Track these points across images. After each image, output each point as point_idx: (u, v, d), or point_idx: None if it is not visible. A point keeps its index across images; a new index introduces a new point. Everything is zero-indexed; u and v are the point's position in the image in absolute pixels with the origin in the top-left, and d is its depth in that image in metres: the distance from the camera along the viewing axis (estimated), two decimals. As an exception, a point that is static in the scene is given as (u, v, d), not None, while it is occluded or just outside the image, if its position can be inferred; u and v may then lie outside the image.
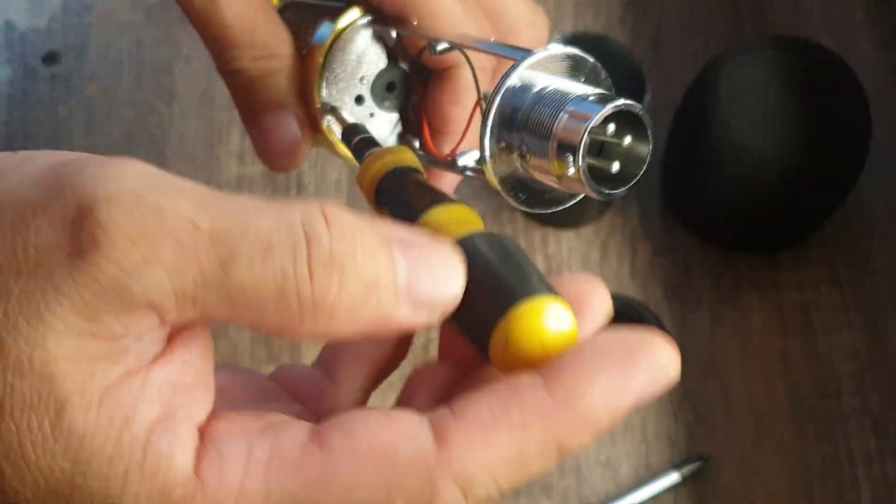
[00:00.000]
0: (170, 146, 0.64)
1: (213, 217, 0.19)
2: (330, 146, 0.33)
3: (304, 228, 0.19)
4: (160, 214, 0.19)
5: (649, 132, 0.25)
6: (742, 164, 0.53)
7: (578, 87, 0.25)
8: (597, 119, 0.23)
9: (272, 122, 0.33)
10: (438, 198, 0.25)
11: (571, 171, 0.24)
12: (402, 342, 0.26)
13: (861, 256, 0.60)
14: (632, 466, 0.55)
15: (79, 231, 0.19)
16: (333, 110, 0.32)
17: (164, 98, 0.65)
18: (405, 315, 0.20)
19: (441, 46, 0.29)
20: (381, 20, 0.31)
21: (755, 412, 0.56)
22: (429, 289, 0.21)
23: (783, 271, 0.59)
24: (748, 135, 0.53)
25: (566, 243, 0.60)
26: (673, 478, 0.53)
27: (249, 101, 0.33)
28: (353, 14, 0.31)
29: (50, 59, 0.67)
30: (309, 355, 0.57)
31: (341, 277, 0.19)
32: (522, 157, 0.25)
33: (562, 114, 0.24)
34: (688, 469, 0.53)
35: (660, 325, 0.56)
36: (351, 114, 0.32)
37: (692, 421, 0.56)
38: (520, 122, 0.25)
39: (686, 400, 0.56)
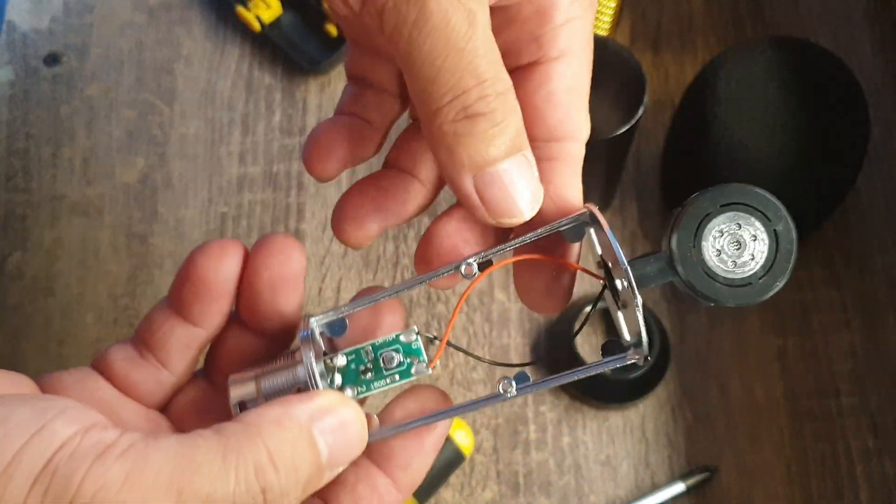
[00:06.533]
0: (171, 146, 0.64)
1: (189, 501, 0.22)
2: None
3: (258, 480, 0.23)
4: None
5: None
6: (741, 164, 0.53)
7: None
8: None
9: (511, 170, 0.27)
10: None
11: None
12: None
13: (859, 257, 0.60)
14: (631, 465, 0.55)
15: None
16: None
17: (166, 98, 0.66)
18: (327, 479, 0.26)
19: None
20: None
21: (753, 411, 0.56)
22: (343, 452, 0.26)
23: (782, 271, 0.60)
24: (747, 135, 0.53)
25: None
26: (678, 488, 0.54)
27: (485, 150, 0.26)
28: None
29: (51, 59, 0.67)
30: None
31: (288, 498, 0.24)
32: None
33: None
34: (693, 480, 0.54)
35: (658, 326, 0.56)
36: None
37: (691, 420, 0.56)
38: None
39: (685, 399, 0.56)
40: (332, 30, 0.65)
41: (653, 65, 0.66)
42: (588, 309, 0.57)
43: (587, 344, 0.58)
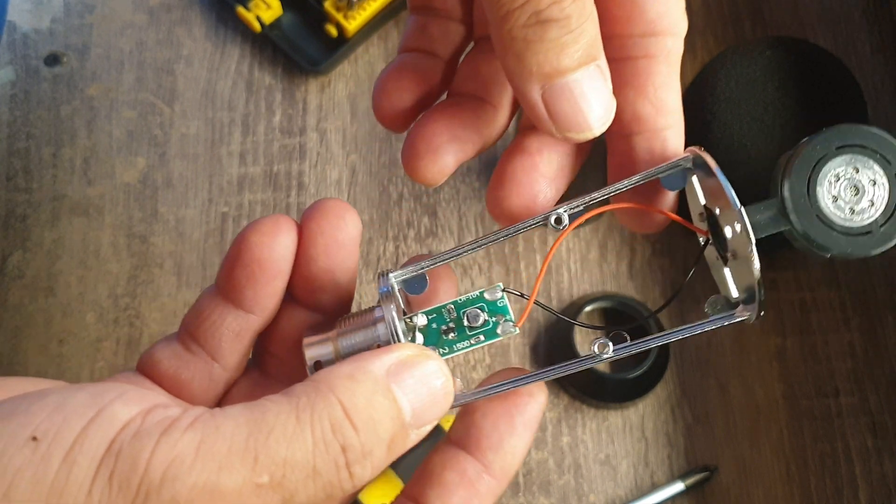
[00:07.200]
0: (171, 146, 0.64)
1: (266, 467, 0.21)
2: None
3: (337, 439, 0.22)
4: (234, 495, 0.21)
5: None
6: (740, 164, 0.53)
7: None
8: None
9: (582, 82, 0.25)
10: None
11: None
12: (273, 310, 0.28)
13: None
14: (630, 465, 0.55)
15: None
16: None
17: (166, 98, 0.66)
18: (414, 439, 0.24)
19: None
20: None
21: (753, 411, 0.56)
22: (428, 408, 0.24)
23: (781, 271, 0.60)
24: (746, 135, 0.53)
25: (565, 243, 0.61)
26: (677, 487, 0.54)
27: (556, 59, 0.24)
28: None
29: (52, 59, 0.67)
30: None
31: (371, 458, 0.22)
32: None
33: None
34: (692, 480, 0.54)
35: (658, 325, 0.56)
36: None
37: (690, 420, 0.56)
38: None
39: (684, 399, 0.56)
40: (332, 30, 0.65)
41: (652, 65, 0.66)
42: (589, 309, 0.57)
43: (586, 343, 0.58)
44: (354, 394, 0.22)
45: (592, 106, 0.25)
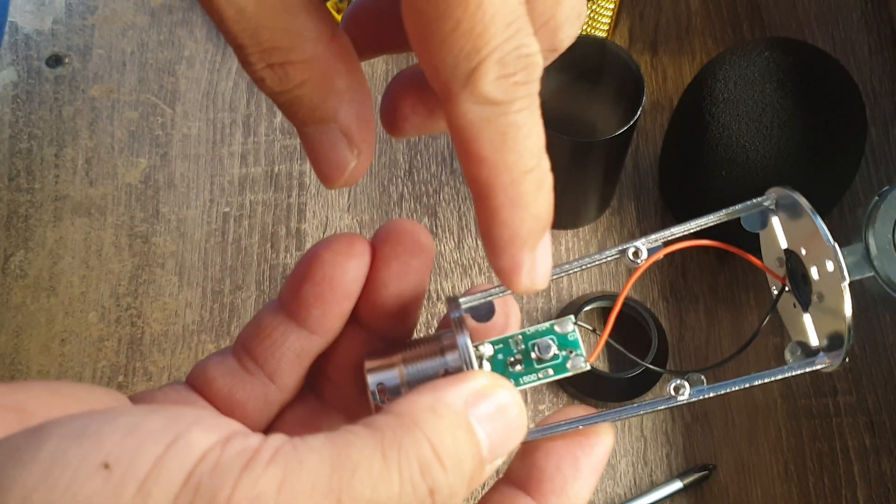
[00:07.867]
0: (173, 147, 0.64)
1: None
2: None
3: (426, 481, 0.20)
4: None
5: None
6: (739, 165, 0.53)
7: None
8: None
9: (315, 138, 0.26)
10: None
11: None
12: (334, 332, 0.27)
13: (856, 256, 0.60)
14: (629, 463, 0.55)
15: None
16: None
17: (168, 99, 0.66)
18: (487, 474, 0.22)
19: None
20: None
21: (751, 410, 0.56)
22: (503, 441, 0.23)
23: (779, 271, 0.60)
24: (745, 136, 0.53)
25: (564, 243, 0.61)
26: (676, 486, 0.54)
27: (287, 113, 0.26)
28: None
29: (54, 60, 0.67)
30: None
31: (456, 500, 0.21)
32: None
33: None
34: (691, 479, 0.54)
35: (657, 325, 0.56)
36: None
37: (689, 419, 0.56)
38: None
39: (683, 398, 0.57)
40: (333, 31, 0.65)
41: (651, 66, 0.66)
42: (588, 308, 0.57)
43: (586, 345, 0.58)
44: (440, 430, 0.21)
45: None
